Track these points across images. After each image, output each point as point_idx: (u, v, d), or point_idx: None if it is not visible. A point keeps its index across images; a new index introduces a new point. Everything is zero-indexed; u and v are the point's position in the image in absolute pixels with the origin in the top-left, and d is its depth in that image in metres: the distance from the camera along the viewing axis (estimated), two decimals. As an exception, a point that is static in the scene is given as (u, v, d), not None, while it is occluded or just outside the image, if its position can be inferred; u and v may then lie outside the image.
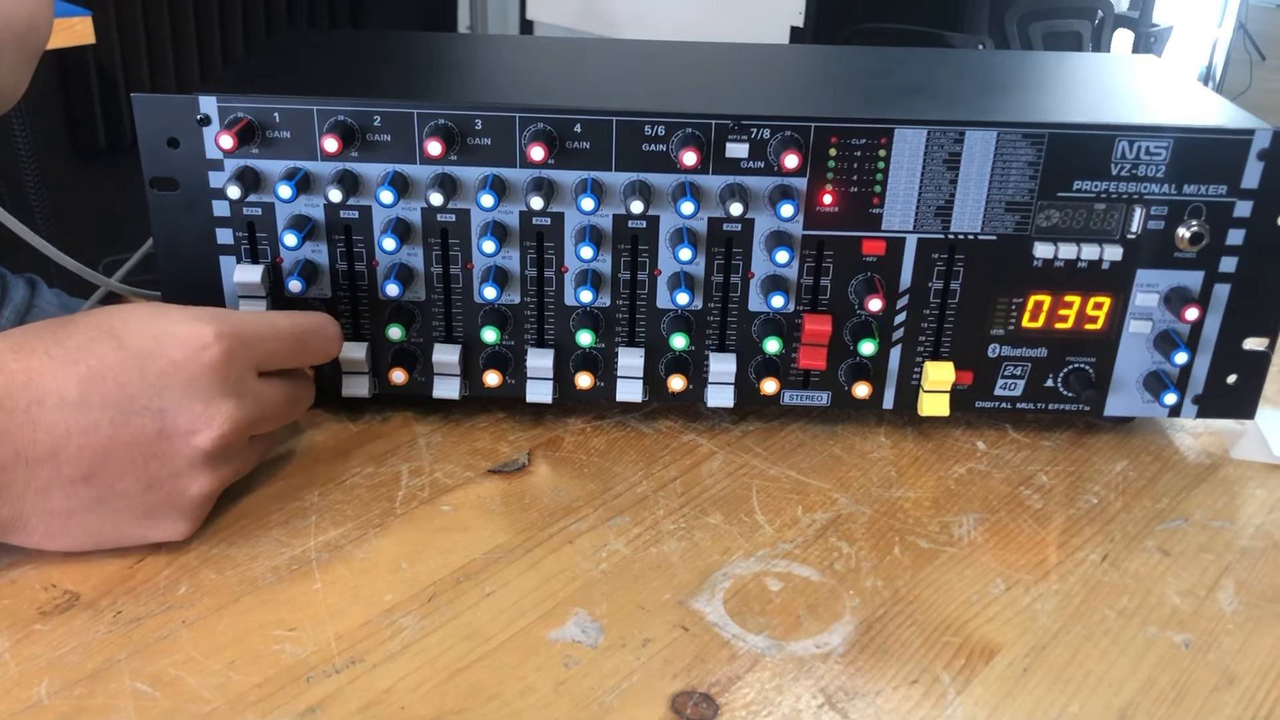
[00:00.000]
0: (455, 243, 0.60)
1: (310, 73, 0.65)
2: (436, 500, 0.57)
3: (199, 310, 0.52)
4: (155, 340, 0.50)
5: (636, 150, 0.58)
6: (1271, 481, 0.62)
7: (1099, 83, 0.68)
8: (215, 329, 0.51)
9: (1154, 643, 0.50)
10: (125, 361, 0.49)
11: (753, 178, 0.58)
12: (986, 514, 0.58)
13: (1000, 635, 0.50)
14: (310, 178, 0.58)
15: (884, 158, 0.58)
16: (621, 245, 0.60)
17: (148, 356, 0.49)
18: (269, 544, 0.54)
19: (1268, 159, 0.58)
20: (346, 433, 0.63)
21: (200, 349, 0.50)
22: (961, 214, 0.59)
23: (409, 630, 0.49)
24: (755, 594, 0.52)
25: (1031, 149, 0.57)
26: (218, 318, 0.52)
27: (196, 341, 0.50)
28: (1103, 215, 0.59)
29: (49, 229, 1.85)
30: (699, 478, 0.60)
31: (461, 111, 0.57)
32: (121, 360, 0.49)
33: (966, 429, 0.65)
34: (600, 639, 0.49)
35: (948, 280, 0.60)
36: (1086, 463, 0.63)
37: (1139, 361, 0.62)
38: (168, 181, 0.58)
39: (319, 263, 0.60)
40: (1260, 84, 4.42)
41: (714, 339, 0.62)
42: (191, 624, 0.49)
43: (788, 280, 0.60)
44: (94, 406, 0.48)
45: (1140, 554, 0.55)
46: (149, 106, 0.57)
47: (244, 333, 0.52)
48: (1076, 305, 0.61)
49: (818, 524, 0.57)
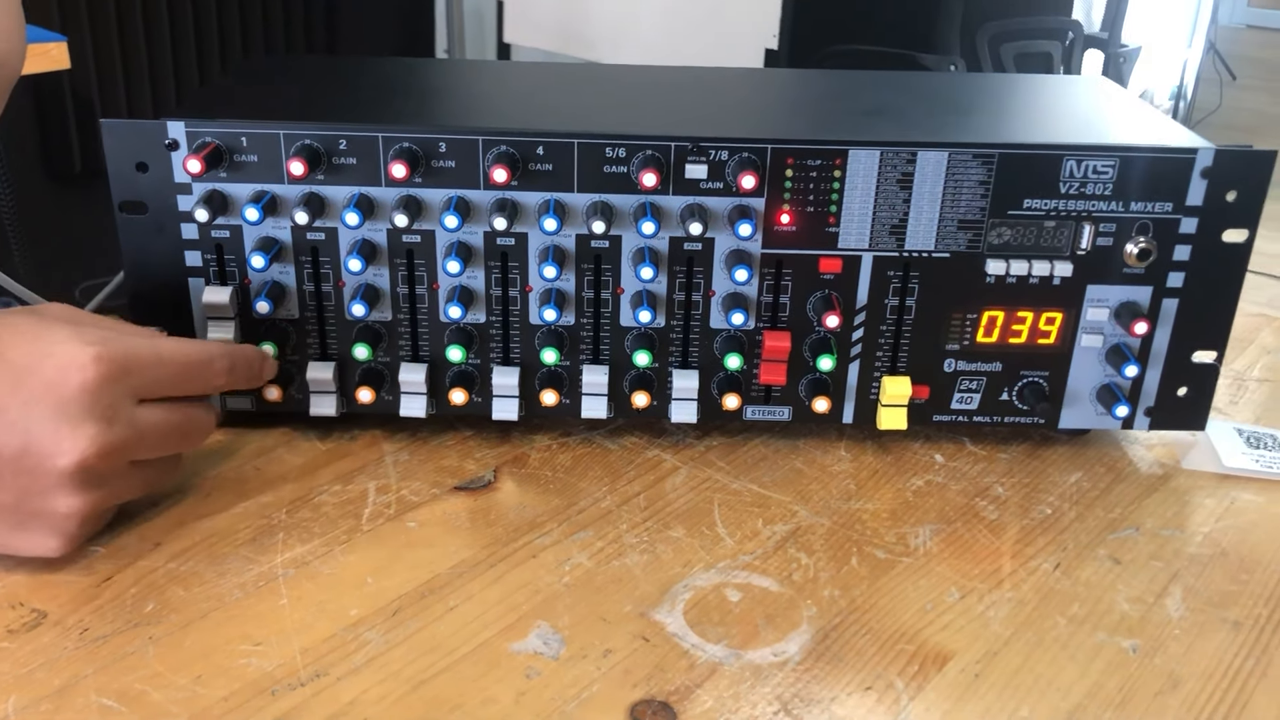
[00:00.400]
0: (421, 263, 0.61)
1: (277, 98, 0.66)
2: (403, 517, 0.58)
3: (88, 330, 0.51)
4: (34, 357, 0.49)
5: (598, 172, 0.59)
6: (1221, 491, 0.63)
7: (1049, 104, 0.69)
8: (95, 351, 0.50)
9: (1102, 648, 0.51)
10: (2, 374, 0.49)
11: (712, 198, 0.59)
12: (943, 525, 0.59)
13: (953, 642, 0.51)
14: (277, 200, 0.59)
15: (839, 178, 0.59)
16: (585, 265, 0.61)
17: (24, 372, 0.49)
18: (237, 561, 0.55)
19: (1210, 177, 0.59)
20: (315, 451, 0.63)
21: (76, 370, 0.49)
22: (915, 232, 0.60)
23: (373, 644, 0.50)
24: (715, 605, 0.53)
25: (982, 168, 0.59)
26: (103, 340, 0.51)
27: (73, 363, 0.49)
28: (1053, 232, 0.60)
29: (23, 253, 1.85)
30: (662, 492, 0.61)
31: (426, 135, 0.58)
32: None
33: (925, 442, 0.67)
34: (562, 650, 0.50)
35: (903, 297, 0.62)
36: (1042, 474, 0.64)
37: (1091, 375, 0.64)
38: (137, 205, 0.59)
39: (286, 284, 0.61)
40: (1231, 103, 4.48)
41: (677, 356, 0.63)
42: (158, 640, 0.49)
43: (748, 298, 0.62)
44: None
45: (1092, 562, 0.57)
46: (118, 132, 0.58)
47: (125, 358, 0.51)
48: (1029, 320, 0.62)
49: (778, 536, 0.58)
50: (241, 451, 0.63)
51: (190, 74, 2.30)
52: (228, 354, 0.57)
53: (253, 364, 0.59)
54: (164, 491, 0.59)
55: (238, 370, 0.57)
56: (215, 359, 0.56)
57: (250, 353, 0.59)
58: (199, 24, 2.30)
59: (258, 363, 0.59)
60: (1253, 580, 0.56)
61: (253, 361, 0.59)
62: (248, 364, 0.58)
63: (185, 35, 2.28)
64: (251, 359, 0.59)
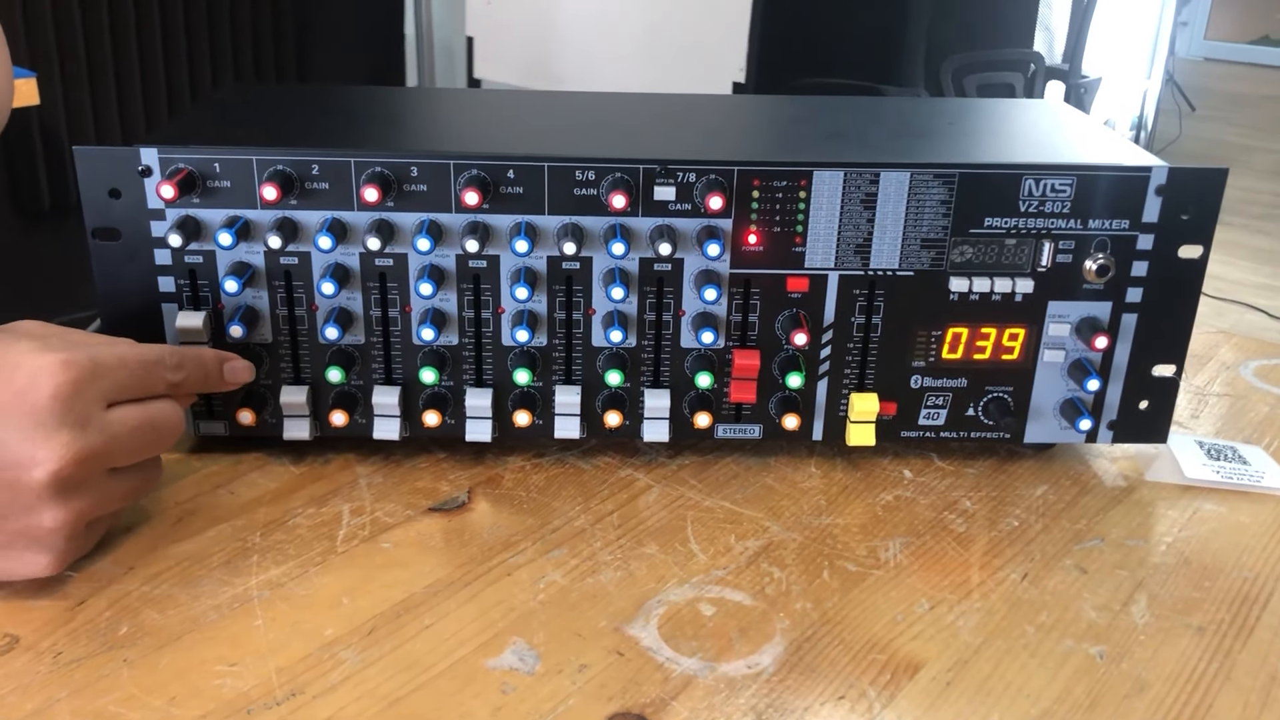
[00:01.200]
0: (393, 286, 0.61)
1: (250, 124, 0.66)
2: (377, 538, 0.59)
3: (52, 339, 0.52)
4: (2, 371, 0.49)
5: (568, 194, 0.60)
6: (1183, 502, 0.64)
7: (1008, 126, 0.71)
8: (63, 358, 0.50)
9: (1070, 655, 0.52)
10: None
11: (680, 219, 0.60)
12: (912, 538, 0.60)
13: (924, 651, 0.52)
14: (250, 225, 0.59)
15: (804, 199, 0.60)
16: (556, 286, 0.62)
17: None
18: (211, 584, 0.55)
19: (1165, 194, 0.61)
20: (289, 475, 0.64)
21: (46, 378, 0.49)
22: (880, 251, 0.62)
23: (349, 662, 0.50)
24: (689, 619, 0.53)
25: (943, 188, 0.60)
26: (68, 347, 0.51)
27: (43, 371, 0.49)
28: (1013, 250, 0.62)
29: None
30: (636, 510, 0.62)
31: (397, 159, 0.59)
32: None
33: (894, 458, 0.68)
34: (537, 666, 0.50)
35: (869, 315, 0.63)
36: (1009, 488, 0.65)
37: (1055, 389, 0.65)
38: (110, 231, 0.60)
39: (260, 308, 0.61)
40: (1190, 133, 4.57)
41: (648, 375, 0.64)
42: (132, 662, 0.49)
43: (717, 317, 0.63)
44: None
45: (1059, 572, 0.58)
46: (91, 158, 0.58)
47: (92, 363, 0.51)
48: (993, 337, 0.64)
49: (750, 551, 0.59)
50: (216, 476, 0.63)
51: (160, 110, 2.30)
52: (176, 352, 0.57)
53: (205, 364, 0.59)
54: (141, 514, 0.59)
55: (187, 367, 0.57)
56: (165, 355, 0.56)
57: (203, 354, 0.59)
58: (168, 61, 2.30)
59: (213, 363, 0.59)
60: (1215, 587, 0.57)
61: (205, 362, 0.59)
62: (198, 364, 0.58)
63: (155, 72, 2.29)
64: (203, 359, 0.59)
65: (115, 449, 0.52)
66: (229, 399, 0.63)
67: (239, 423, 0.63)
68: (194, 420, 0.63)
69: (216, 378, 0.60)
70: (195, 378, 0.58)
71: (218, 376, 0.60)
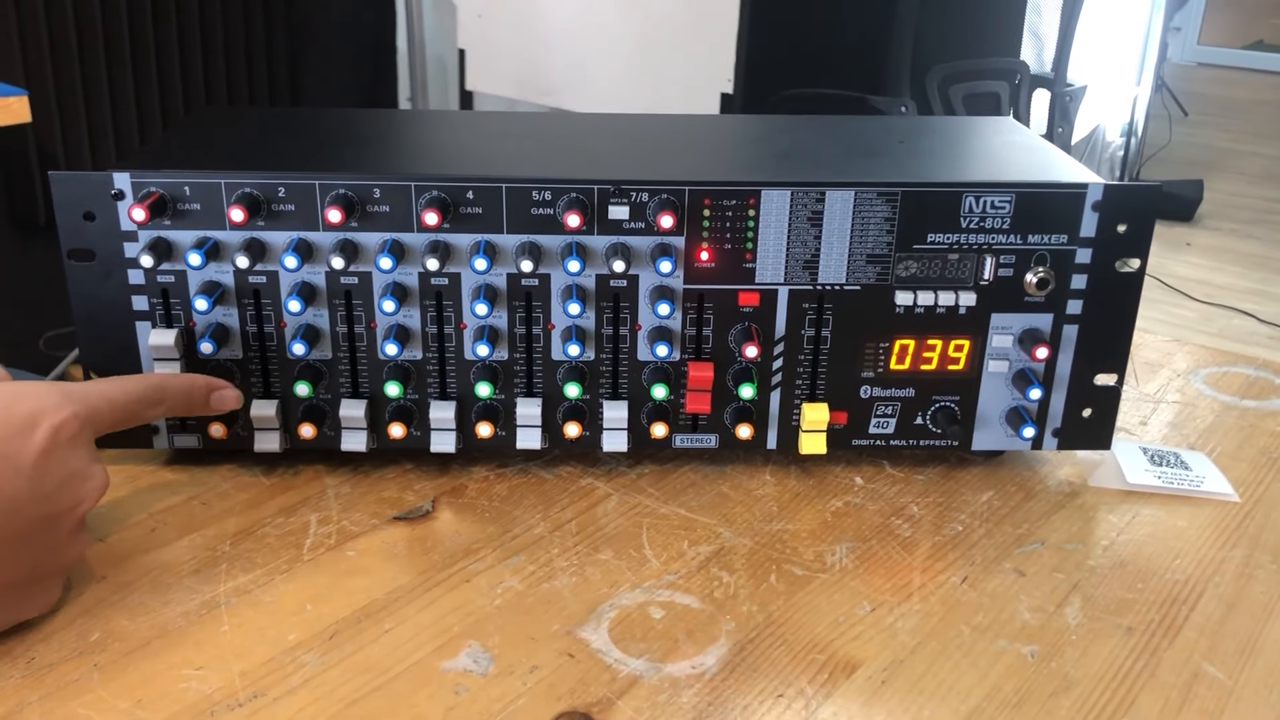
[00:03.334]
0: (358, 303, 0.64)
1: (220, 148, 0.69)
2: (343, 546, 0.61)
3: (34, 388, 0.53)
4: (16, 435, 0.51)
5: (526, 214, 0.62)
6: (1123, 507, 0.67)
7: (954, 145, 0.73)
8: (60, 400, 0.52)
9: (1002, 654, 0.54)
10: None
11: (634, 237, 0.63)
12: (859, 543, 0.62)
13: (862, 651, 0.54)
14: (219, 246, 0.62)
15: (753, 217, 0.63)
16: (516, 302, 0.64)
17: (16, 455, 0.50)
18: (180, 591, 0.57)
19: (1101, 210, 0.63)
20: (259, 486, 0.66)
21: (61, 426, 0.52)
22: (827, 266, 0.64)
23: (310, 666, 0.52)
24: (639, 622, 0.56)
25: (886, 206, 0.63)
26: (59, 389, 0.53)
27: (51, 421, 0.52)
28: (956, 264, 0.64)
29: (-13, 304, 1.86)
30: (594, 518, 0.64)
31: (360, 181, 0.61)
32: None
33: (847, 466, 0.70)
34: (490, 667, 0.52)
35: (819, 327, 0.65)
36: (955, 494, 0.67)
37: (1000, 399, 0.67)
38: (85, 253, 0.62)
39: (230, 325, 0.64)
40: (1182, 138, 4.59)
41: (607, 387, 0.66)
42: (102, 667, 0.52)
43: (672, 331, 0.65)
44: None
45: (998, 575, 0.60)
46: (66, 183, 0.61)
47: (88, 399, 0.54)
48: (939, 348, 0.66)
49: (701, 556, 0.61)
50: (187, 488, 0.65)
51: (154, 126, 2.33)
52: (157, 387, 0.59)
53: (190, 393, 0.61)
54: (116, 524, 0.61)
55: (167, 400, 0.60)
56: (147, 392, 0.59)
57: (193, 382, 0.61)
58: (162, 77, 2.33)
59: (200, 391, 0.62)
60: (1147, 588, 0.59)
61: (191, 390, 0.61)
62: (181, 394, 0.61)
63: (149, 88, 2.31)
64: (190, 388, 0.61)
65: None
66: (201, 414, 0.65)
67: (211, 436, 0.65)
68: (168, 433, 0.66)
69: (201, 404, 0.62)
70: (178, 406, 0.61)
71: (202, 403, 0.62)
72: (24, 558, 0.51)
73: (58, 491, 0.52)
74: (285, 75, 2.57)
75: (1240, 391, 0.81)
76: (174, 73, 2.35)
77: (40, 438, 0.51)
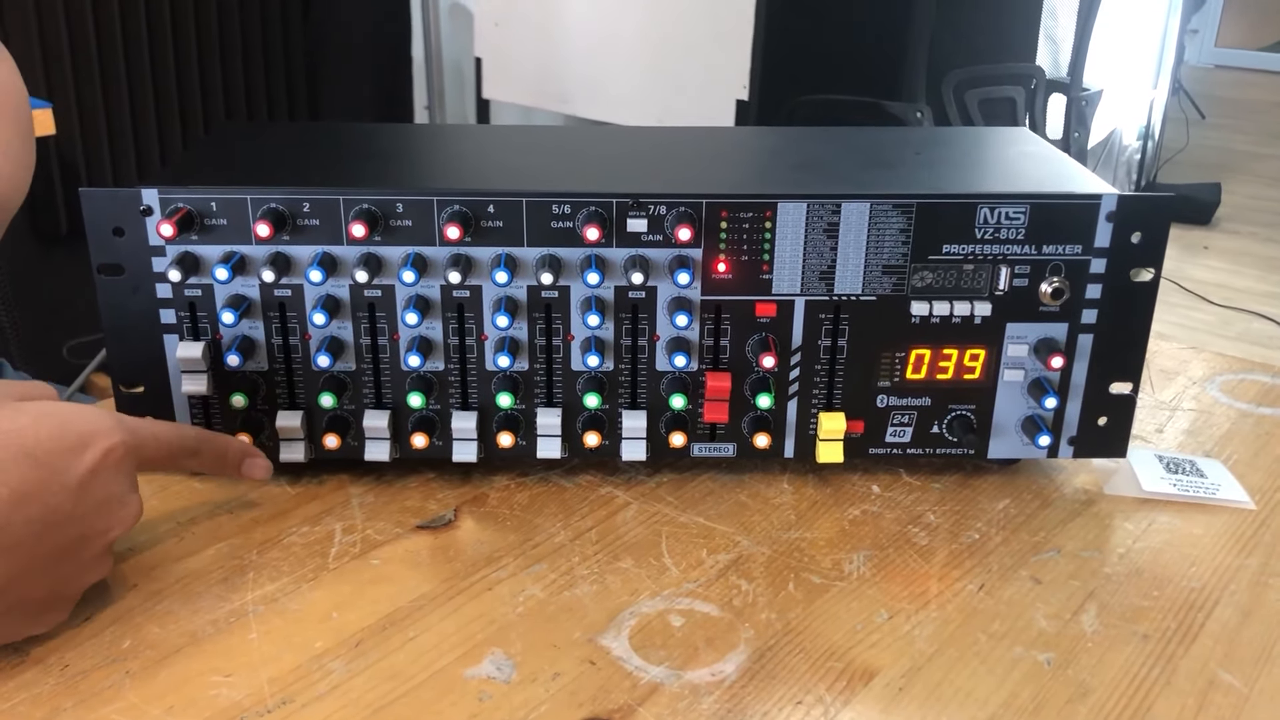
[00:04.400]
0: (381, 316, 0.65)
1: (245, 164, 0.70)
2: (367, 555, 0.62)
3: (90, 410, 0.55)
4: (69, 451, 0.52)
5: (546, 227, 0.63)
6: (1139, 514, 0.67)
7: (968, 155, 0.74)
8: (113, 425, 0.54)
9: (1019, 661, 0.55)
10: (46, 479, 0.51)
11: (652, 249, 0.64)
12: (876, 551, 0.63)
13: (880, 659, 0.55)
14: (245, 260, 0.63)
15: (770, 229, 0.63)
16: (536, 314, 0.65)
17: (65, 470, 0.52)
18: (209, 600, 0.58)
19: (1116, 220, 0.64)
20: (285, 495, 0.67)
21: (111, 449, 0.53)
22: (843, 277, 0.65)
23: (336, 673, 0.53)
24: (659, 629, 0.56)
25: (902, 217, 0.63)
26: (113, 416, 0.55)
27: (103, 444, 0.53)
28: (971, 275, 0.65)
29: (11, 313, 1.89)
30: (614, 526, 0.65)
31: (384, 196, 0.62)
32: (42, 478, 0.51)
33: (863, 474, 0.70)
34: (513, 675, 0.53)
35: (835, 338, 0.66)
36: (972, 502, 0.68)
37: (1015, 407, 0.68)
38: (114, 268, 0.63)
39: (255, 338, 0.65)
40: (1199, 141, 4.58)
41: (625, 397, 0.67)
42: (134, 674, 0.53)
43: (690, 341, 0.66)
44: (17, 527, 0.50)
45: (1014, 583, 0.60)
46: (95, 200, 0.62)
47: (138, 431, 0.56)
48: (955, 357, 0.67)
49: (720, 564, 0.62)
50: (215, 498, 0.66)
51: (174, 137, 2.35)
52: (197, 439, 0.62)
53: (224, 455, 0.63)
54: (146, 534, 0.62)
55: (203, 454, 0.62)
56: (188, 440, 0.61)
57: (228, 446, 0.63)
58: (182, 89, 2.35)
59: (234, 455, 0.63)
60: (1163, 596, 0.60)
61: (225, 453, 0.63)
62: (216, 454, 0.63)
63: (169, 100, 2.34)
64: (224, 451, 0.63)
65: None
66: (228, 425, 0.66)
67: (237, 446, 0.66)
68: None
69: (233, 467, 0.64)
70: (210, 463, 0.63)
71: (234, 466, 0.64)
72: (52, 574, 0.52)
73: (95, 512, 0.53)
74: (303, 84, 2.59)
75: (1256, 399, 0.82)
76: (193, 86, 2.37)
77: (90, 457, 0.53)
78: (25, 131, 0.75)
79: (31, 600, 0.52)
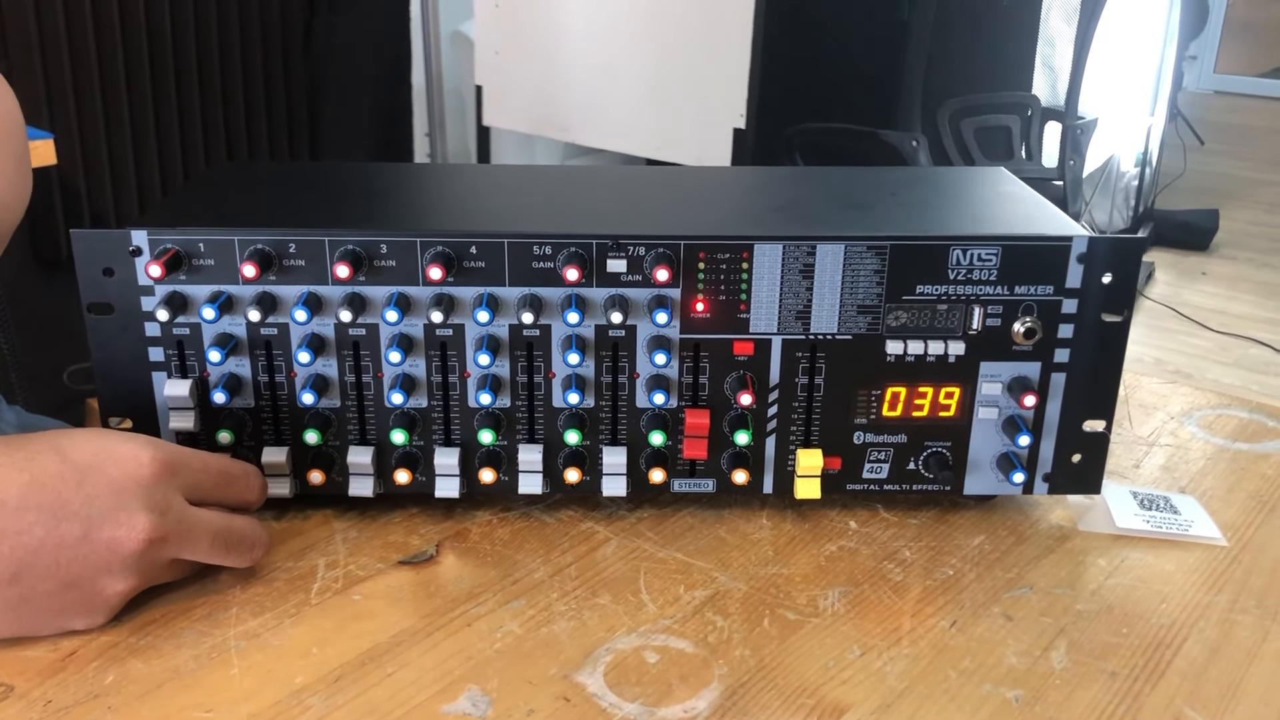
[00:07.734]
0: (366, 354, 0.66)
1: (234, 205, 0.71)
2: (349, 590, 0.63)
3: (141, 436, 0.59)
4: (96, 456, 0.56)
5: (527, 267, 0.64)
6: (1112, 551, 0.68)
7: (943, 197, 0.75)
8: (152, 452, 0.58)
9: (988, 698, 0.55)
10: (66, 473, 0.55)
11: (631, 289, 0.65)
12: (851, 587, 0.64)
13: (851, 696, 0.55)
14: (232, 300, 0.64)
15: (747, 270, 0.65)
16: (518, 352, 0.66)
17: (87, 470, 0.56)
18: (192, 634, 0.59)
19: (1086, 262, 0.65)
20: (269, 530, 0.68)
21: (135, 466, 0.57)
22: (819, 317, 0.66)
23: (315, 708, 0.54)
24: (634, 666, 0.57)
25: (876, 259, 0.65)
26: (156, 444, 0.59)
27: (133, 460, 0.57)
28: (945, 315, 0.66)
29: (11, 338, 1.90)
30: (593, 562, 0.66)
31: (368, 238, 0.64)
32: (62, 471, 0.55)
33: (841, 510, 0.71)
34: (489, 711, 0.54)
35: (812, 376, 0.67)
36: (948, 538, 0.69)
37: (990, 444, 0.69)
38: (104, 306, 0.64)
39: (242, 375, 0.66)
40: (1197, 167, 4.60)
41: (606, 434, 0.68)
42: (116, 709, 0.54)
43: (669, 379, 0.67)
44: (30, 510, 0.54)
45: (986, 619, 0.61)
46: (86, 240, 0.63)
47: (176, 459, 0.59)
48: (930, 395, 0.68)
49: (697, 600, 0.63)
50: (201, 532, 0.67)
51: (174, 168, 2.37)
52: (259, 473, 0.65)
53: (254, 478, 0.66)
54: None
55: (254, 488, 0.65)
56: (251, 475, 0.64)
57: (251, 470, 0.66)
58: (183, 118, 2.38)
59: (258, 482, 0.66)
60: (1132, 633, 0.60)
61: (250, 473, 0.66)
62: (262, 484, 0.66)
63: (171, 133, 2.36)
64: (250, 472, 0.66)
65: (186, 539, 0.59)
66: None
67: (224, 482, 0.67)
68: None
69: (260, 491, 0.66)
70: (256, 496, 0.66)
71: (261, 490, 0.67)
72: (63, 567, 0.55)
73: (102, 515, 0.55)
74: (304, 112, 2.61)
75: (1233, 434, 0.83)
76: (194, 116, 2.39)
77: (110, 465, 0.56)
78: (20, 156, 0.76)
79: (49, 595, 0.55)
